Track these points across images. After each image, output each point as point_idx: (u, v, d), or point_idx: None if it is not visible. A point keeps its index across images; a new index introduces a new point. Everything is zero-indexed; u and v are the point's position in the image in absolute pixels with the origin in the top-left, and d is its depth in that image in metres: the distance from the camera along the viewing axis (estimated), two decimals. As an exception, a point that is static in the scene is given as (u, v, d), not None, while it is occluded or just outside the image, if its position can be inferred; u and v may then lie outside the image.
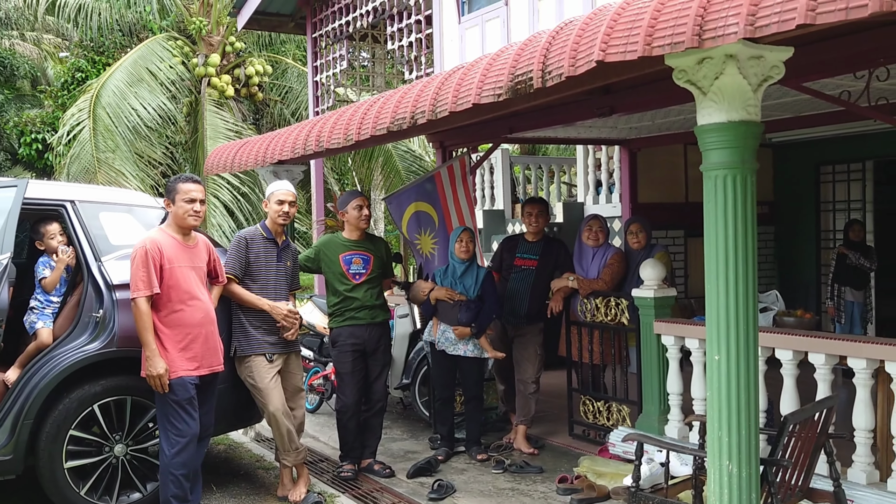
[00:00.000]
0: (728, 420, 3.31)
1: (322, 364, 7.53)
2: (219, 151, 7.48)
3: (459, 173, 7.06)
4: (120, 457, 4.76)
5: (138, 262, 4.24)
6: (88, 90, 13.30)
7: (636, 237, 6.12)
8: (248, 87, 14.68)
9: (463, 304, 5.68)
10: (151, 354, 4.25)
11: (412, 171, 13.71)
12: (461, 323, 5.68)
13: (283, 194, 5.07)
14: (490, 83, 3.78)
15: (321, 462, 5.92)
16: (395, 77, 11.57)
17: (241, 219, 12.63)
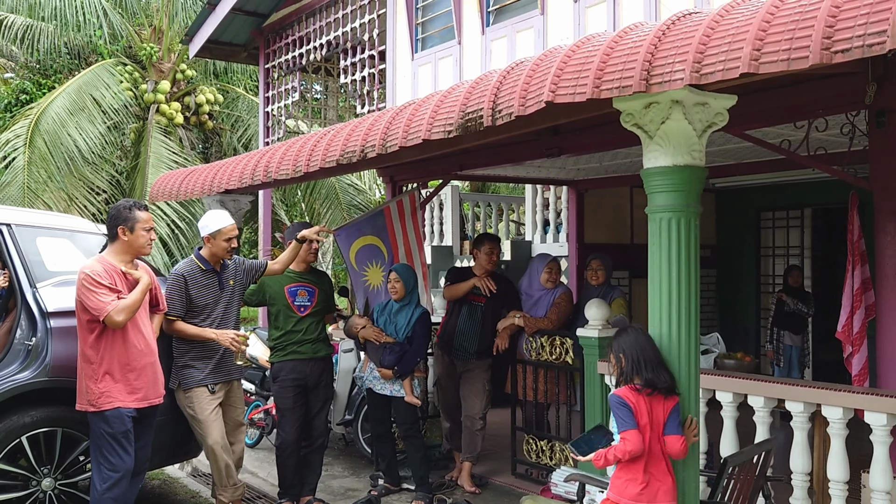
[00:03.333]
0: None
1: (263, 398, 7.39)
2: (165, 179, 7.37)
3: (409, 208, 7.07)
4: (48, 491, 4.58)
5: (92, 283, 4.13)
6: (27, 115, 13.01)
7: (595, 273, 6.18)
8: (198, 116, 14.55)
9: (388, 345, 5.65)
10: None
11: (354, 205, 13.70)
12: (384, 365, 5.63)
13: (230, 230, 4.98)
14: (441, 119, 3.80)
15: (259, 499, 5.78)
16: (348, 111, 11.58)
17: (176, 251, 12.37)
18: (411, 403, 5.63)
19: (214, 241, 4.92)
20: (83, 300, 4.16)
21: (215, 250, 4.95)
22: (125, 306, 4.17)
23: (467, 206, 12.32)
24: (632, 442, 3.15)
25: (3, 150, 12.22)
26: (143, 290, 4.29)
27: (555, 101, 3.16)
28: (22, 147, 12.03)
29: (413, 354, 5.62)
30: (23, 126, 12.40)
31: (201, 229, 5.00)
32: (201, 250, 5.02)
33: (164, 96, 14.04)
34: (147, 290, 4.36)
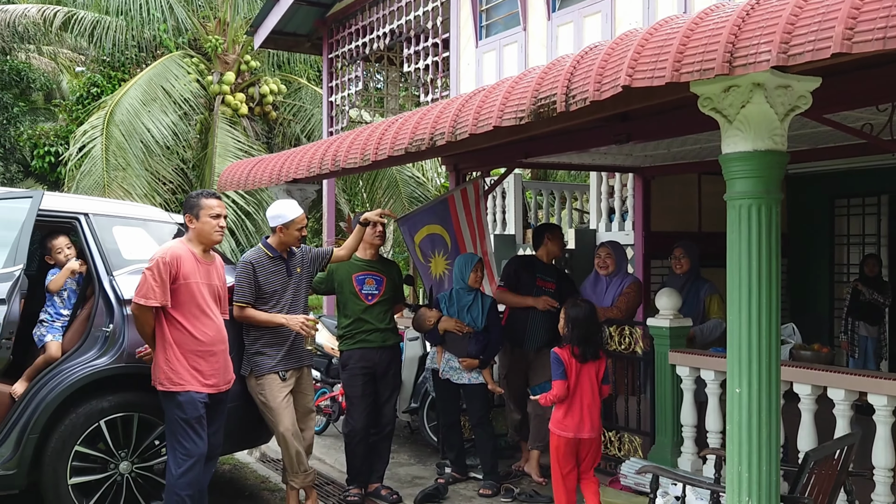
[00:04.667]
0: (749, 455, 3.24)
1: (329, 385, 7.47)
2: (233, 168, 7.47)
3: (473, 197, 7.03)
4: (125, 474, 4.70)
5: (154, 271, 4.21)
6: (103, 107, 13.35)
7: (679, 262, 6.03)
8: (261, 106, 14.73)
9: (472, 335, 5.63)
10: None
11: (415, 197, 13.72)
12: (470, 355, 5.63)
13: (301, 219, 5.01)
14: (512, 106, 3.75)
15: (327, 485, 5.84)
16: (409, 100, 11.59)
17: (244, 240, 12.57)
18: (493, 391, 5.65)
19: (286, 230, 4.96)
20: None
21: (286, 239, 4.99)
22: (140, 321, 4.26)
23: (530, 195, 12.23)
24: (558, 388, 4.47)
25: (81, 141, 12.57)
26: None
27: (632, 86, 3.08)
28: (99, 138, 12.36)
29: (496, 342, 5.64)
30: (99, 117, 12.74)
31: (272, 220, 5.03)
32: (269, 239, 5.07)
33: (229, 87, 14.26)
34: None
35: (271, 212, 5.06)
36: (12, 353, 4.47)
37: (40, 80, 19.14)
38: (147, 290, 4.19)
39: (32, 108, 20.72)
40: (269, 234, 5.10)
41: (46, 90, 21.08)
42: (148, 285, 4.19)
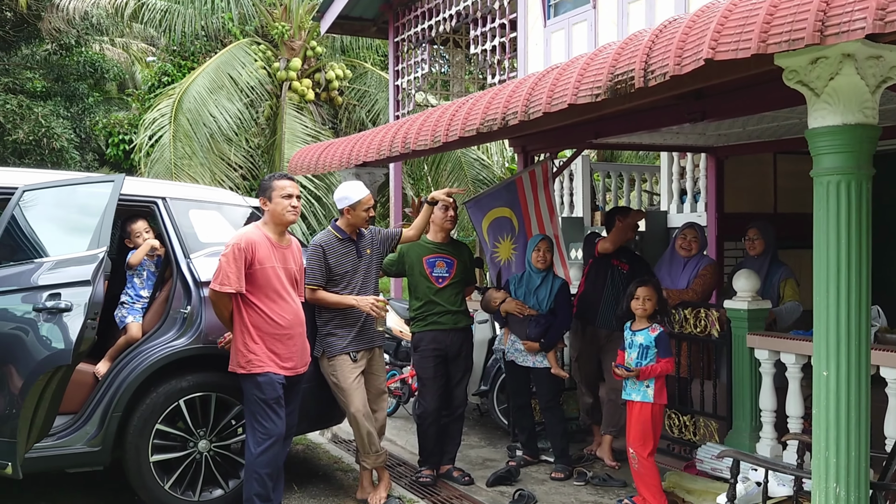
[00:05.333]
0: (836, 440, 3.15)
1: (398, 367, 7.51)
2: (303, 153, 7.54)
3: (541, 179, 6.95)
4: (203, 453, 4.79)
5: (230, 257, 4.26)
6: (171, 94, 13.61)
7: (752, 243, 5.88)
8: (327, 92, 14.84)
9: (533, 318, 5.59)
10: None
11: (480, 180, 13.65)
12: (529, 338, 5.59)
13: (368, 200, 5.02)
14: (588, 82, 3.68)
15: (399, 466, 5.87)
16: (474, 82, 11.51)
17: (314, 224, 12.70)
18: (556, 375, 5.58)
19: (354, 212, 4.98)
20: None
21: (354, 221, 5.01)
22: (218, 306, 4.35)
23: (598, 177, 12.06)
24: (671, 365, 4.81)
25: (150, 129, 12.86)
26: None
27: (714, 59, 2.99)
28: (167, 126, 12.62)
29: (559, 326, 5.58)
30: (167, 105, 13.00)
31: (339, 201, 5.06)
32: (338, 221, 5.09)
33: (295, 73, 14.39)
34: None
35: (338, 194, 5.08)
36: (96, 334, 4.59)
37: (114, 70, 19.61)
38: (223, 276, 4.25)
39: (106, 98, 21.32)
40: (338, 216, 5.13)
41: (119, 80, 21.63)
42: (224, 272, 4.25)
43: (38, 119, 15.98)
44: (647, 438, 4.67)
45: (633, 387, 4.74)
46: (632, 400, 4.75)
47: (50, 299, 4.08)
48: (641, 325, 4.79)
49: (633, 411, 4.74)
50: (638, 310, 4.78)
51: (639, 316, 4.80)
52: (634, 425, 4.71)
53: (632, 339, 4.81)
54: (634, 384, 4.73)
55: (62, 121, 16.63)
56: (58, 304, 4.05)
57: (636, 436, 4.70)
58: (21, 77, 17.28)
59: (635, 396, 4.73)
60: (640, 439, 4.68)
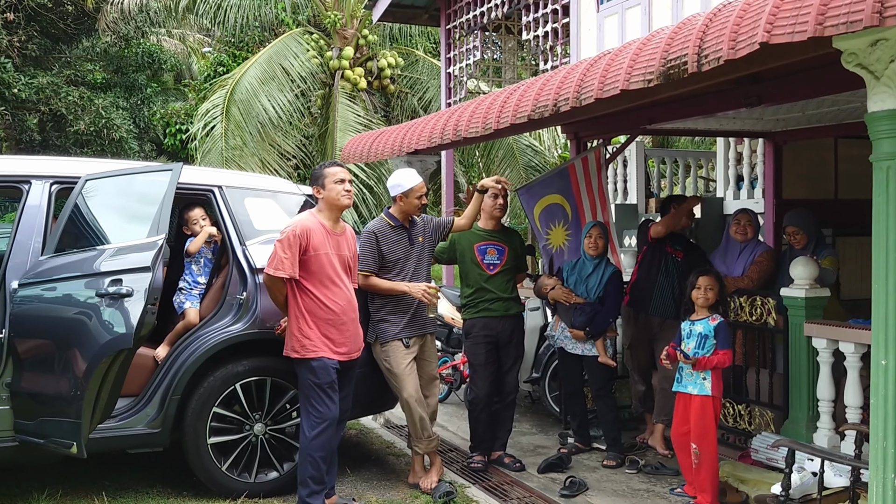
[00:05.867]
0: (895, 430, 3.08)
1: (450, 354, 7.56)
2: (355, 141, 7.61)
3: (594, 165, 6.90)
4: (259, 436, 4.89)
5: (284, 243, 4.34)
6: (223, 85, 13.81)
7: (794, 238, 5.78)
8: (379, 80, 14.90)
9: (578, 306, 5.57)
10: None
11: (532, 166, 13.58)
12: (574, 326, 5.58)
13: (420, 187, 5.06)
14: (640, 68, 3.65)
15: (450, 451, 5.92)
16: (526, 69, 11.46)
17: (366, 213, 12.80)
18: (605, 363, 5.56)
19: (406, 199, 5.02)
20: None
21: (407, 208, 5.05)
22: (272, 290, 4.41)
23: (652, 163, 11.92)
24: (730, 357, 4.72)
25: (203, 120, 13.08)
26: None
27: (770, 42, 2.94)
28: (220, 116, 12.81)
29: (606, 314, 5.54)
30: (220, 96, 13.20)
31: (392, 189, 5.10)
32: (391, 209, 5.14)
33: (348, 62, 14.47)
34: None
35: (391, 181, 5.12)
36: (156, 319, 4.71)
37: (171, 61, 19.99)
38: (277, 261, 4.33)
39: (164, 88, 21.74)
40: (391, 204, 5.17)
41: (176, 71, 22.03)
42: (278, 257, 4.33)
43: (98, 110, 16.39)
44: (707, 431, 4.61)
45: (689, 378, 4.67)
46: (686, 392, 4.69)
47: (112, 285, 4.21)
48: (701, 314, 4.74)
49: (691, 404, 4.66)
50: (699, 299, 4.73)
51: (700, 306, 4.74)
52: (694, 419, 4.63)
53: (690, 328, 4.75)
54: (691, 376, 4.67)
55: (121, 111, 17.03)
56: (119, 289, 4.18)
57: (697, 431, 4.61)
58: (82, 69, 17.73)
59: (691, 389, 4.66)
60: (701, 434, 4.60)
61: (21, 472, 5.07)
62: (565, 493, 4.95)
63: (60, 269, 4.44)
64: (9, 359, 4.40)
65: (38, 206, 4.67)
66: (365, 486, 5.17)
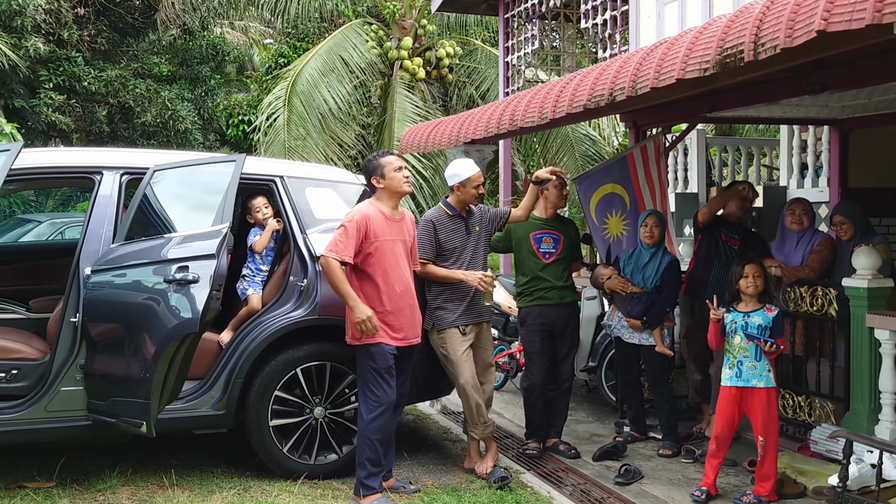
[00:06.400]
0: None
1: (507, 342, 7.61)
2: (413, 131, 7.69)
3: (653, 154, 6.86)
4: (319, 419, 5.01)
5: (345, 229, 4.44)
6: (285, 78, 14.05)
7: (841, 229, 5.69)
8: (438, 69, 14.97)
9: (635, 295, 5.57)
10: (354, 303, 4.42)
11: (588, 156, 13.50)
12: (631, 315, 5.58)
13: (477, 177, 5.11)
14: (696, 57, 3.64)
15: (506, 438, 5.98)
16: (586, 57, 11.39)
17: (422, 202, 12.90)
18: (662, 353, 5.55)
19: (464, 188, 5.08)
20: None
21: (464, 197, 5.11)
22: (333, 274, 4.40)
23: (714, 151, 11.75)
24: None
25: (267, 112, 13.34)
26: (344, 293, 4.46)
27: (827, 31, 2.92)
28: (282, 108, 13.06)
29: (663, 304, 5.53)
30: (282, 88, 13.45)
31: (449, 178, 5.16)
32: (448, 198, 5.20)
33: (406, 52, 14.58)
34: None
35: (449, 171, 5.19)
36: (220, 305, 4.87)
37: (233, 53, 20.36)
38: (334, 244, 4.43)
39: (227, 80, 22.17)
40: (449, 193, 5.24)
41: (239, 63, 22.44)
42: (336, 241, 4.43)
43: (164, 102, 16.84)
44: (774, 422, 4.60)
45: (753, 372, 4.60)
46: (749, 386, 4.61)
47: (179, 272, 4.37)
48: (753, 305, 4.69)
49: (754, 398, 4.60)
50: (749, 288, 4.67)
51: (749, 295, 4.69)
52: (762, 412, 4.57)
53: (746, 319, 4.68)
54: (754, 369, 4.60)
55: (186, 103, 17.45)
56: (186, 276, 4.33)
57: (765, 423, 4.57)
58: (148, 62, 18.19)
59: (756, 382, 4.59)
60: (769, 425, 4.57)
61: (94, 450, 5.30)
62: (620, 481, 4.98)
63: (130, 256, 4.62)
64: (82, 342, 4.62)
65: (110, 196, 4.87)
66: (421, 469, 5.27)
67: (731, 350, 4.69)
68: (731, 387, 4.68)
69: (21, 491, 4.62)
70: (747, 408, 4.66)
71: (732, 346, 4.69)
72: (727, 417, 4.69)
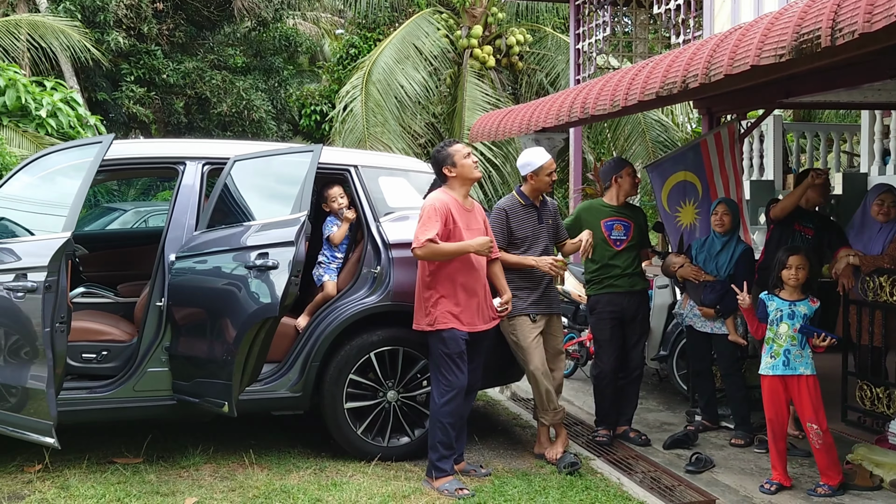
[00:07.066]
0: None
1: (577, 330, 7.62)
2: (483, 120, 7.75)
3: (727, 141, 6.76)
4: (392, 402, 5.13)
5: (430, 212, 4.54)
6: (361, 67, 14.25)
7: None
8: (508, 57, 14.97)
9: (708, 284, 5.52)
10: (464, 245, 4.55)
11: (660, 142, 13.33)
12: (704, 304, 5.53)
13: (549, 164, 5.15)
14: (772, 43, 3.61)
15: (576, 425, 6.01)
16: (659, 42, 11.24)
17: (491, 190, 12.95)
18: (734, 342, 5.51)
19: (537, 177, 5.13)
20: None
21: (538, 185, 5.16)
22: (435, 251, 4.47)
23: (791, 137, 11.49)
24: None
25: (344, 101, 13.57)
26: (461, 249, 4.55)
27: (908, 14, 2.87)
28: (359, 97, 13.28)
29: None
30: (358, 78, 13.68)
31: (522, 168, 5.21)
32: (522, 187, 5.25)
33: (476, 40, 14.61)
34: (465, 251, 4.59)
35: (521, 160, 5.23)
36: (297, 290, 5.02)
37: (306, 44, 20.70)
38: (421, 233, 4.49)
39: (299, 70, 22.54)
40: (522, 183, 5.28)
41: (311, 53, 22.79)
42: (422, 230, 4.51)
43: (239, 92, 17.26)
44: (820, 408, 4.58)
45: (799, 360, 4.63)
46: (796, 374, 4.64)
47: (259, 258, 4.52)
48: (796, 295, 4.69)
49: (802, 386, 4.62)
50: (791, 279, 4.67)
51: (791, 286, 4.68)
52: (811, 399, 4.59)
53: (792, 308, 4.68)
54: (800, 357, 4.62)
55: (260, 93, 17.84)
56: (266, 262, 4.49)
57: (812, 410, 4.59)
58: (224, 54, 18.65)
59: (803, 370, 4.63)
60: (817, 412, 4.58)
61: (177, 429, 5.53)
62: (691, 469, 4.97)
63: (212, 243, 4.81)
64: (167, 325, 4.83)
65: (192, 186, 5.07)
66: (491, 454, 5.35)
67: (777, 339, 4.69)
68: (775, 376, 4.71)
69: (111, 466, 4.86)
70: (794, 396, 4.68)
71: (778, 335, 4.68)
72: (777, 406, 4.72)
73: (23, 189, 4.88)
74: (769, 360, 4.72)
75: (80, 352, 5.01)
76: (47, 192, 4.90)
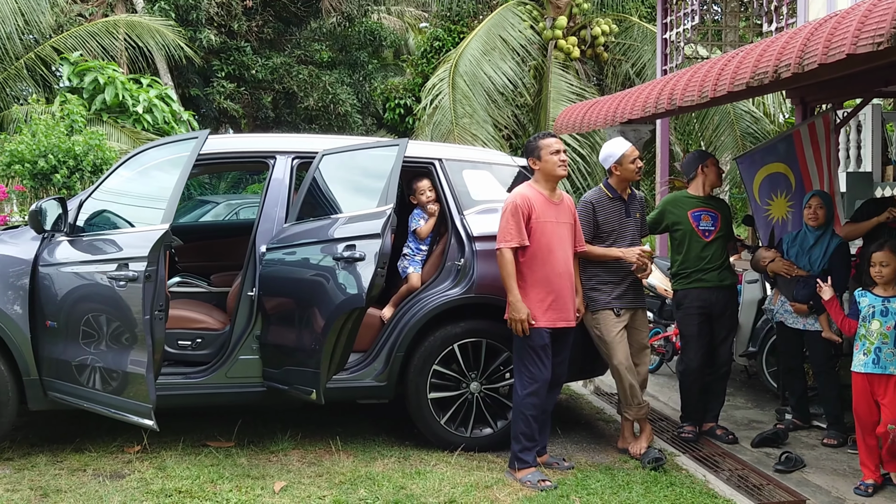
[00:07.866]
0: None
1: (662, 325, 7.51)
2: (568, 112, 7.70)
3: (822, 132, 6.56)
4: (475, 393, 5.17)
5: (508, 214, 4.56)
6: (447, 60, 14.33)
7: None
8: (593, 48, 14.81)
9: (801, 279, 5.36)
10: (514, 300, 4.55)
11: (749, 133, 12.95)
12: (797, 299, 5.39)
13: (632, 152, 5.10)
14: (868, 31, 3.49)
15: (661, 421, 5.94)
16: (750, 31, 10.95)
17: (578, 181, 12.84)
18: (828, 339, 5.35)
19: (621, 167, 5.09)
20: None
21: (624, 175, 5.11)
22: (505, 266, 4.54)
23: (891, 128, 11.03)
24: None
25: (431, 94, 13.68)
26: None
27: None
28: (446, 89, 13.36)
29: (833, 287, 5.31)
30: (445, 70, 13.78)
31: (605, 161, 5.17)
32: (609, 179, 5.21)
33: (561, 31, 14.51)
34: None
35: (602, 154, 5.21)
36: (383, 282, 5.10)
37: (390, 38, 20.92)
38: (504, 233, 4.55)
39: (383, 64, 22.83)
40: (608, 175, 5.24)
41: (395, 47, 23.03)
42: (505, 229, 4.56)
43: (325, 87, 17.59)
44: None
45: (891, 359, 4.50)
46: (888, 374, 4.51)
47: (346, 250, 4.62)
48: (891, 291, 4.57)
49: (892, 385, 4.50)
50: (877, 276, 4.55)
51: (879, 283, 4.56)
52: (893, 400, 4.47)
53: (885, 305, 4.56)
54: (893, 356, 4.49)
55: (345, 87, 18.15)
56: (353, 254, 4.58)
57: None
58: (310, 49, 19.02)
59: (893, 370, 4.50)
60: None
61: (266, 415, 5.70)
62: (780, 468, 4.86)
63: (301, 235, 4.93)
64: (258, 314, 4.98)
65: (282, 179, 5.20)
66: (574, 447, 5.33)
67: (868, 336, 4.59)
68: (865, 374, 4.60)
69: (205, 449, 5.05)
70: (880, 394, 4.55)
71: (870, 332, 4.58)
72: (866, 403, 4.61)
73: (123, 183, 5.10)
74: (861, 356, 4.61)
75: (177, 339, 5.21)
76: (146, 186, 5.11)
